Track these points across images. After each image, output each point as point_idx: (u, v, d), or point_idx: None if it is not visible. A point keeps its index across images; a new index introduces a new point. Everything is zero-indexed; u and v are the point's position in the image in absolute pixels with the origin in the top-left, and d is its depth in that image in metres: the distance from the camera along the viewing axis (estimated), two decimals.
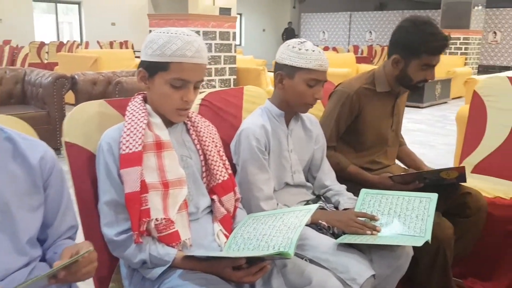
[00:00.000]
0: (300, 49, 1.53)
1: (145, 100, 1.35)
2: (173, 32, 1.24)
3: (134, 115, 1.28)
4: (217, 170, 1.36)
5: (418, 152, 4.96)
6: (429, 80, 1.82)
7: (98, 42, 12.87)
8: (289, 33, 17.97)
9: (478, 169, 2.52)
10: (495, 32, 15.12)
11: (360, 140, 1.93)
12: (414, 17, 1.80)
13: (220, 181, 1.36)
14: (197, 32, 4.63)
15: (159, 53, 1.23)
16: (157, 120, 1.30)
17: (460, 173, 1.72)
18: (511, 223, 2.10)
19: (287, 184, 1.65)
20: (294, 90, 1.55)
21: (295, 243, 1.17)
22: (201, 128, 1.39)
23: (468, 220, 1.82)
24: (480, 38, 9.99)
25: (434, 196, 1.56)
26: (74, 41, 12.46)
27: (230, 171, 1.41)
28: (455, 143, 3.25)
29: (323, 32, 18.82)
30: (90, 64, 6.97)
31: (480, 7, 9.63)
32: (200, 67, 1.26)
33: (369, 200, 1.63)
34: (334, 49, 14.46)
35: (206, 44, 4.98)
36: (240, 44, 18.76)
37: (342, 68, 7.54)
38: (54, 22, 14.72)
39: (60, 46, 11.11)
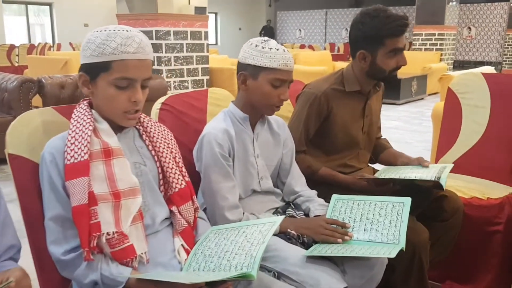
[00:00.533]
0: (263, 48, 1.44)
1: (91, 105, 1.23)
2: (112, 29, 1.15)
3: (78, 122, 1.18)
4: (174, 178, 1.27)
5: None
6: (402, 65, 1.76)
7: (70, 43, 12.58)
8: (268, 31, 17.90)
9: (454, 168, 2.45)
10: (469, 28, 15.32)
11: (331, 143, 1.85)
12: (365, 9, 1.76)
13: (177, 189, 1.26)
14: (168, 32, 4.50)
15: (98, 52, 1.13)
16: (104, 126, 1.19)
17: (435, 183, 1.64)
18: (488, 224, 2.06)
19: (254, 191, 1.55)
20: (259, 91, 1.46)
21: (258, 262, 1.08)
22: (154, 133, 1.29)
23: (444, 224, 1.75)
24: (455, 33, 10.07)
25: (407, 201, 1.49)
26: (46, 43, 12.15)
27: (188, 179, 1.31)
28: (432, 140, 3.20)
29: (300, 30, 18.80)
30: (60, 67, 6.75)
31: (454, 3, 9.70)
32: (144, 63, 1.17)
33: (340, 207, 1.55)
34: (311, 47, 14.46)
35: (177, 44, 4.88)
36: (216, 43, 18.63)
37: (319, 66, 7.49)
38: (25, 24, 14.35)
39: (30, 48, 10.81)
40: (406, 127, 6.23)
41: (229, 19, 18.69)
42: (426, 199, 1.75)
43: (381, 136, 2.11)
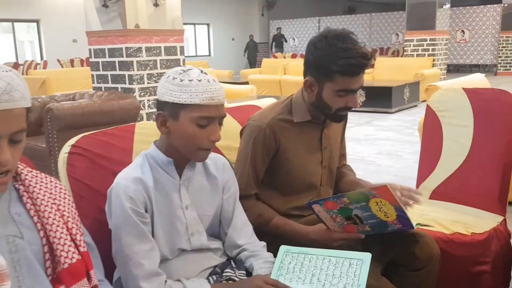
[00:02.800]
0: (182, 81, 1.19)
1: None
2: None
3: None
4: (62, 251, 0.99)
5: (384, 164, 4.76)
6: (352, 107, 1.49)
7: (58, 60, 12.38)
8: (278, 40, 17.66)
9: (436, 194, 2.21)
10: (463, 31, 15.11)
11: (286, 182, 1.59)
12: (327, 30, 1.47)
13: (66, 265, 1.00)
14: (139, 48, 4.28)
15: None
16: None
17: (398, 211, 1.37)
18: (473, 263, 1.80)
19: (184, 251, 1.30)
20: (182, 134, 1.21)
21: None
22: (38, 193, 1.01)
23: (418, 273, 1.49)
24: (447, 38, 9.84)
25: (367, 257, 1.24)
26: (32, 60, 11.95)
27: (84, 249, 1.04)
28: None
29: (293, 38, 18.59)
30: (38, 87, 6.53)
31: (445, 7, 9.49)
32: (10, 114, 0.89)
33: (288, 262, 1.30)
34: (302, 56, 14.23)
35: (150, 61, 4.65)
36: (209, 55, 18.45)
37: None
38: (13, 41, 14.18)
39: (15, 66, 10.61)
40: (397, 138, 5.98)
41: (222, 29, 18.52)
42: (396, 245, 1.50)
43: (345, 164, 1.84)
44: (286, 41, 17.78)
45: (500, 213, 2.04)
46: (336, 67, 1.41)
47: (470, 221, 1.96)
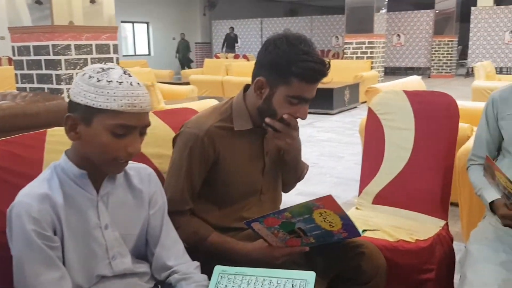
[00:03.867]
0: (99, 81, 1.02)
1: None
2: None
3: None
4: None
5: (327, 166, 4.74)
6: (300, 118, 1.37)
7: None
8: (230, 41, 17.25)
9: (379, 199, 2.16)
10: (398, 35, 15.69)
11: (224, 193, 1.45)
12: (287, 32, 1.35)
13: None
14: (68, 46, 3.97)
15: None
16: None
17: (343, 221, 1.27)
18: (418, 272, 1.75)
19: (103, 277, 1.12)
20: (94, 142, 1.04)
21: None
22: None
23: (365, 287, 1.40)
24: (384, 41, 10.14)
25: (310, 277, 1.13)
26: None
27: None
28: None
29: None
30: None
31: (382, 11, 9.76)
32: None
33: (224, 286, 1.16)
34: (245, 56, 14.17)
35: (80, 59, 4.35)
36: (149, 54, 17.95)
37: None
38: None
39: None
40: (339, 139, 6.02)
41: (162, 29, 18.06)
42: (342, 258, 1.40)
43: None
44: (237, 41, 17.48)
45: (442, 217, 2.01)
46: (296, 68, 1.28)
47: (414, 227, 1.92)
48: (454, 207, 2.58)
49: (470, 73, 14.38)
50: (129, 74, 1.07)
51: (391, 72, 16.37)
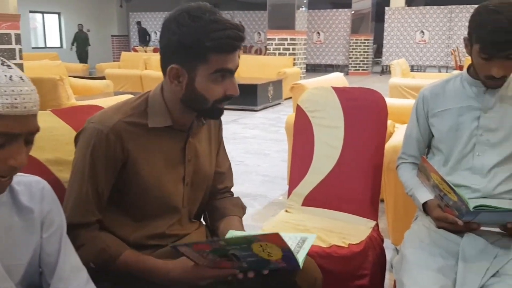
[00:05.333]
0: None
1: None
2: None
3: None
4: None
5: (253, 163, 4.62)
6: (232, 95, 1.20)
7: None
8: (142, 34, 16.43)
9: (309, 200, 2.06)
10: (318, 33, 16.07)
11: (138, 203, 1.24)
12: (187, 6, 1.15)
13: None
14: None
15: None
16: None
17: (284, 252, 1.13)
18: (351, 278, 1.66)
19: None
20: None
21: None
22: None
23: None
24: (306, 38, 10.27)
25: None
26: None
27: None
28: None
29: (155, 32, 17.89)
30: None
31: (302, 9, 9.87)
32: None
33: None
34: None
35: None
36: (61, 47, 16.81)
37: None
38: None
39: None
40: (264, 136, 5.94)
41: (75, 20, 16.96)
42: (276, 274, 1.25)
43: (228, 188, 1.50)
44: (149, 37, 16.83)
45: (372, 217, 1.95)
46: (210, 42, 1.10)
47: (345, 229, 1.83)
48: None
49: (385, 71, 15.10)
50: (8, 66, 0.83)
51: (312, 69, 16.75)
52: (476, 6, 1.47)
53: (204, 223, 1.46)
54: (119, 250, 1.18)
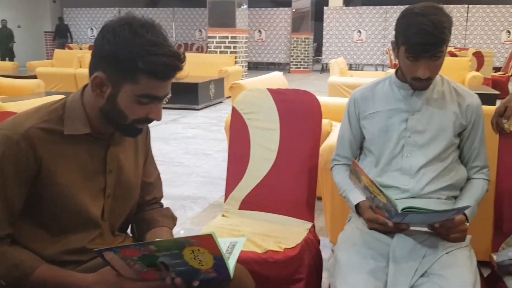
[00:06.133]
0: None
1: None
2: None
3: None
4: None
5: (193, 164, 4.53)
6: (154, 119, 1.14)
7: None
8: (62, 31, 15.59)
9: (246, 204, 2.03)
10: (260, 31, 16.14)
11: (54, 216, 1.15)
12: (131, 17, 1.08)
13: None
14: None
15: None
16: None
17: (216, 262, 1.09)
18: (288, 283, 1.65)
19: None
20: None
21: None
22: None
23: None
24: (247, 36, 10.27)
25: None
26: None
27: None
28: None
29: (91, 29, 17.24)
30: None
31: (243, 7, 9.86)
32: None
33: None
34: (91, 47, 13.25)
35: None
36: None
37: None
38: None
39: None
40: (205, 136, 5.86)
41: (4, 15, 16.01)
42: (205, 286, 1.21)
43: (158, 199, 1.43)
44: (71, 34, 15.95)
45: (308, 219, 1.96)
46: (143, 64, 1.03)
47: (282, 233, 1.82)
48: (317, 201, 2.59)
49: (325, 69, 15.44)
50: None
51: (254, 67, 16.83)
52: (408, 6, 1.51)
53: (131, 235, 1.39)
54: (33, 265, 1.09)
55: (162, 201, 1.43)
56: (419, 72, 1.46)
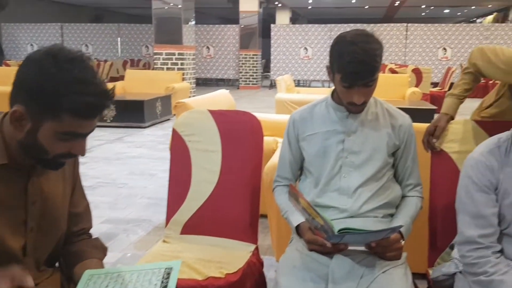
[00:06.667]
0: None
1: None
2: None
3: None
4: None
5: (138, 185, 4.41)
6: (77, 155, 1.10)
7: None
8: None
9: (188, 228, 1.99)
10: (208, 47, 16.15)
11: None
12: (58, 48, 1.03)
13: None
14: None
15: None
16: None
17: None
18: None
19: None
20: None
21: None
22: None
23: None
24: (194, 53, 10.24)
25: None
26: None
27: None
28: None
29: (31, 45, 16.58)
30: None
31: (190, 23, 9.83)
32: None
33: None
34: None
35: None
36: None
37: None
38: None
39: None
40: (151, 155, 5.74)
41: None
42: None
43: (86, 230, 1.36)
44: (2, 51, 15.14)
45: (252, 241, 1.94)
46: (68, 103, 0.99)
47: (224, 257, 1.79)
48: (264, 219, 2.59)
49: (273, 85, 15.63)
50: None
51: (203, 83, 16.78)
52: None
53: (60, 269, 1.31)
54: None
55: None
56: (354, 98, 1.49)
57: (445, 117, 1.81)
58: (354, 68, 1.43)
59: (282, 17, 19.10)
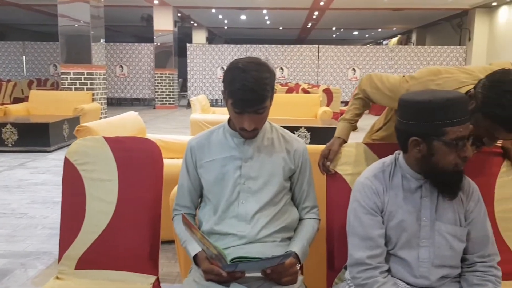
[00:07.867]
0: None
1: None
2: None
3: None
4: None
5: (39, 215, 4.10)
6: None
7: None
8: None
9: (83, 263, 1.87)
10: (121, 66, 15.70)
11: None
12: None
13: None
14: None
15: None
16: None
17: None
18: None
19: None
20: None
21: None
22: None
23: None
24: (105, 72, 9.88)
25: None
26: None
27: None
28: None
29: None
30: None
31: (101, 42, 9.50)
32: None
33: None
34: None
35: None
36: None
37: None
38: None
39: None
40: (55, 181, 5.38)
41: None
42: None
43: None
44: None
45: (152, 272, 1.86)
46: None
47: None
48: (174, 245, 2.50)
49: (191, 105, 15.54)
50: None
51: (118, 103, 16.26)
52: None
53: None
54: None
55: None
56: (245, 124, 1.51)
57: (338, 140, 1.88)
58: (244, 96, 1.44)
59: (199, 37, 19.19)
